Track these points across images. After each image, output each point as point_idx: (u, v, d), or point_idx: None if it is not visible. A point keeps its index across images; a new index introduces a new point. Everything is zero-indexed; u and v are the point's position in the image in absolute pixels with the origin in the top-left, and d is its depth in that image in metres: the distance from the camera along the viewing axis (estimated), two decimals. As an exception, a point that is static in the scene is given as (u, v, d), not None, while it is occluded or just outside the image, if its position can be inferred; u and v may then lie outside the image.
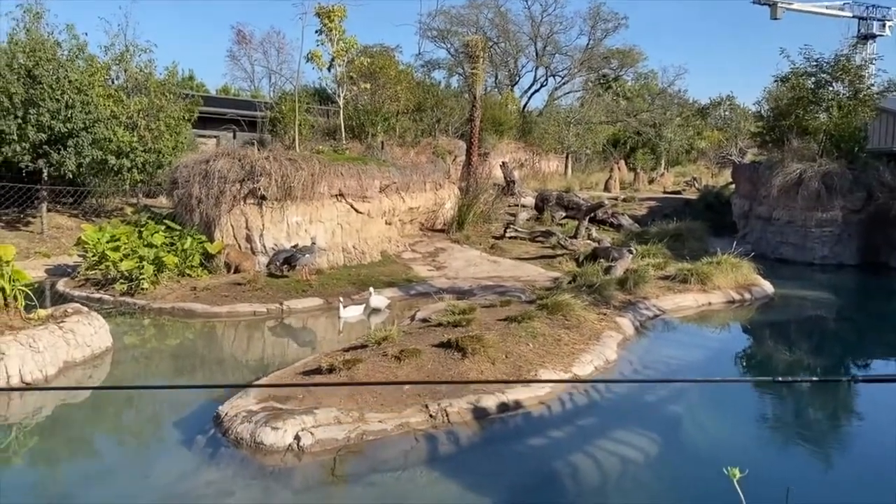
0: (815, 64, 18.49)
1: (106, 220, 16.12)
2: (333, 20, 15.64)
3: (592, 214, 18.22)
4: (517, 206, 20.75)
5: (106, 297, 11.17)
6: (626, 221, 19.70)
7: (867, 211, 16.49)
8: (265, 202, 12.56)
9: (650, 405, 7.02)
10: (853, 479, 5.70)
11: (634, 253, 13.30)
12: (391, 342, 7.52)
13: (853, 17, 49.03)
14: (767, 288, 12.45)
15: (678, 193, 27.44)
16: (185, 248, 12.06)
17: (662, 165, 37.41)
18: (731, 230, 18.94)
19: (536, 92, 39.97)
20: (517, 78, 40.32)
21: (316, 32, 15.94)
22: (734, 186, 21.17)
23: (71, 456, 6.12)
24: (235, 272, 12.15)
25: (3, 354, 6.93)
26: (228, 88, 40.39)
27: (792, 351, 9.89)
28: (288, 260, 12.02)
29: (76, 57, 16.83)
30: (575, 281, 11.11)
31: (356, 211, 13.70)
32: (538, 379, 6.84)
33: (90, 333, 8.22)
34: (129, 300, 10.98)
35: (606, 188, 28.24)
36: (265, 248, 12.60)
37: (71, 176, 16.12)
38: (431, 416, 6.09)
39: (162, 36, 50.46)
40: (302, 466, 5.39)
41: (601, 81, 40.58)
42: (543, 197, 20.65)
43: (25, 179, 16.05)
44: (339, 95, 16.79)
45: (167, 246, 12.18)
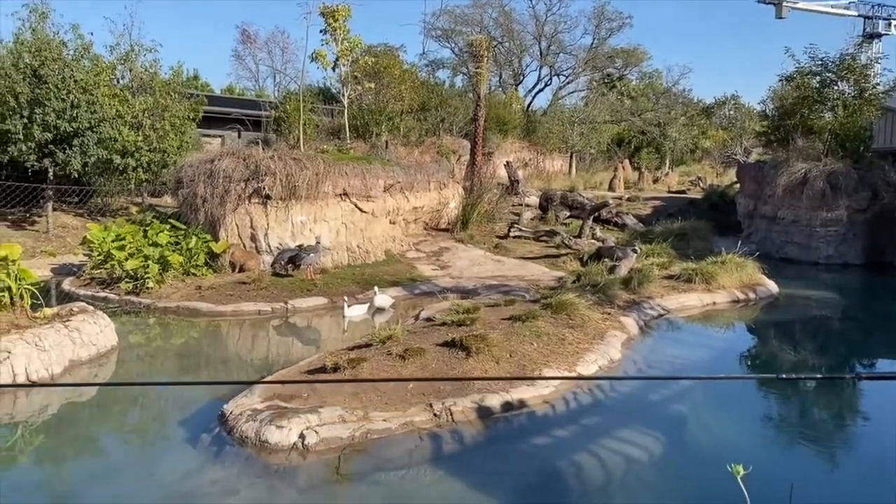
0: (820, 63, 18.45)
1: (111, 219, 16.18)
2: (338, 20, 15.68)
3: (597, 214, 18.21)
4: (521, 205, 20.72)
5: (111, 295, 11.21)
6: (630, 221, 19.67)
7: (872, 210, 16.45)
8: (270, 201, 12.59)
9: (655, 404, 7.02)
10: (857, 477, 5.69)
11: (639, 252, 13.29)
12: (395, 341, 7.53)
13: (858, 15, 48.80)
14: (772, 287, 12.43)
15: (683, 193, 27.39)
16: (189, 247, 12.10)
17: (667, 165, 37.32)
18: (735, 230, 18.90)
19: (540, 91, 39.93)
20: (521, 77, 40.26)
21: (320, 32, 16.00)
22: (739, 186, 21.13)
23: (76, 454, 6.14)
24: (240, 271, 12.18)
25: (9, 353, 6.96)
26: (233, 88, 40.45)
27: (797, 350, 9.88)
28: (292, 259, 12.05)
29: (82, 56, 16.88)
30: (579, 280, 11.12)
31: (360, 210, 13.72)
32: (542, 376, 6.84)
33: (96, 332, 8.25)
34: (134, 299, 11.02)
35: (611, 188, 28.21)
36: (270, 247, 12.63)
37: (76, 175, 16.20)
38: (436, 415, 6.09)
39: (167, 36, 50.78)
40: (306, 465, 5.40)
41: (605, 81, 40.46)
42: (547, 196, 20.64)
43: (31, 179, 16.12)
44: (343, 95, 16.80)
45: (172, 245, 12.22)
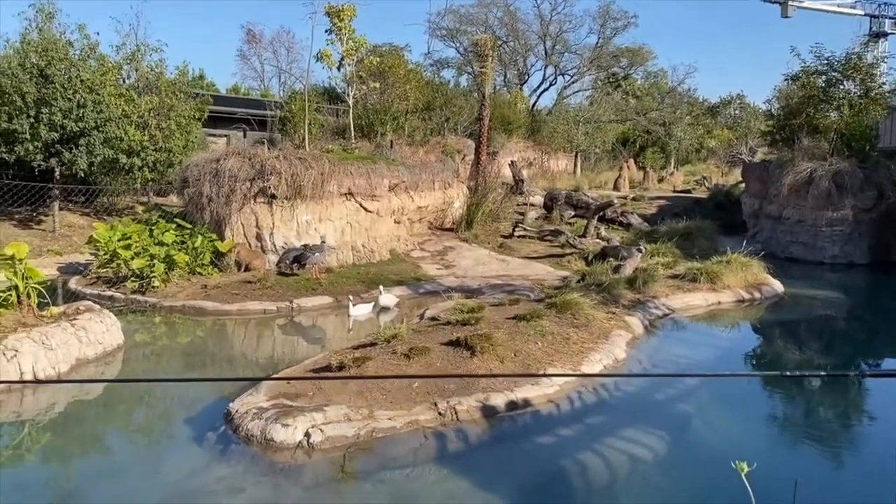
0: (825, 62, 18.39)
1: (117, 218, 16.26)
2: (343, 19, 15.70)
3: (602, 213, 18.19)
4: (526, 205, 20.70)
5: (117, 294, 11.27)
6: (635, 220, 19.61)
7: (878, 210, 16.37)
8: (275, 201, 12.62)
9: (659, 403, 7.02)
10: (861, 475, 5.69)
11: (644, 252, 13.25)
12: (400, 340, 7.54)
13: (865, 15, 48.51)
14: (777, 287, 12.39)
15: (688, 192, 27.34)
16: (195, 246, 12.14)
17: (672, 164, 37.27)
18: (741, 229, 18.84)
19: (545, 91, 39.89)
20: (526, 77, 40.23)
21: (326, 32, 16.03)
22: (744, 185, 21.05)
23: (82, 452, 6.19)
24: (246, 270, 12.22)
25: (16, 351, 7.01)
26: (238, 88, 40.49)
27: (802, 350, 9.85)
28: (298, 258, 12.08)
29: (88, 56, 16.96)
30: (584, 280, 11.11)
31: (365, 210, 13.74)
32: (546, 374, 6.84)
33: (102, 331, 8.30)
34: (140, 298, 11.07)
35: (616, 187, 28.18)
36: (275, 246, 12.67)
37: (82, 175, 16.27)
38: (441, 413, 6.11)
39: (172, 35, 50.62)
40: (312, 463, 5.42)
41: (610, 80, 40.39)
42: (552, 196, 20.61)
43: (38, 178, 16.19)
44: (348, 94, 16.84)
45: (178, 244, 12.27)
